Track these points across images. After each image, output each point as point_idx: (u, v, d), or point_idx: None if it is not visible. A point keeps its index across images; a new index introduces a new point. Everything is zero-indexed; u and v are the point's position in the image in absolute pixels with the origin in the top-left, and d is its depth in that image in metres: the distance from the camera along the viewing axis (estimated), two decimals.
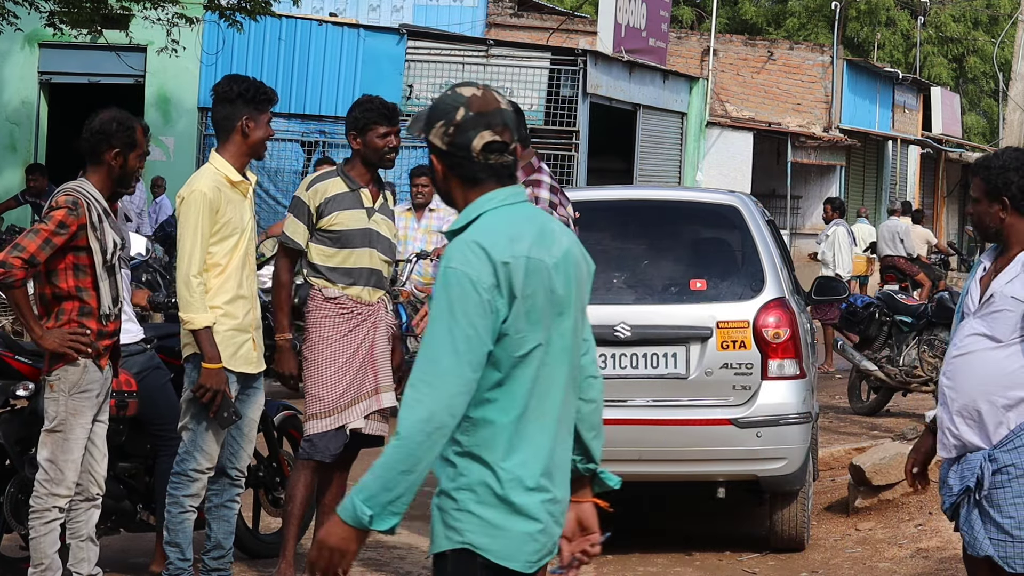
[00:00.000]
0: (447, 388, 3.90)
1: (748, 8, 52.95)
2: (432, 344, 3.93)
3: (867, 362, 15.45)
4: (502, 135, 4.10)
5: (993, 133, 55.40)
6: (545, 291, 4.05)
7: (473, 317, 3.93)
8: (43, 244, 6.84)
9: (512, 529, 4.01)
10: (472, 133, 4.07)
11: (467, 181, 4.11)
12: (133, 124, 7.10)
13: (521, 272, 3.99)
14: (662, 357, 8.90)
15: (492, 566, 4.01)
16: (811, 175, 35.99)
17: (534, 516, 4.03)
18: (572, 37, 31.65)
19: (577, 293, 4.18)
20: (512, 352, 3.99)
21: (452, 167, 4.11)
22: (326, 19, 27.40)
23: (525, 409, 4.02)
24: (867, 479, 10.03)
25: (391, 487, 3.91)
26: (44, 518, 6.99)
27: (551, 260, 4.07)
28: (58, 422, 6.96)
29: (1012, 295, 5.81)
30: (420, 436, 3.89)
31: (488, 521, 4.00)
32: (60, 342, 6.90)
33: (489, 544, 4.00)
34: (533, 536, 4.03)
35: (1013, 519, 5.73)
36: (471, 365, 3.92)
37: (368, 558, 8.89)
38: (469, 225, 4.06)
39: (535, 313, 4.02)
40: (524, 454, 4.02)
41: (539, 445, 4.05)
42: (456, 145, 4.08)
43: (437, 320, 3.94)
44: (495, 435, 4.00)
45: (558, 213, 7.30)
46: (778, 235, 10.03)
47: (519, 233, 4.04)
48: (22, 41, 24.51)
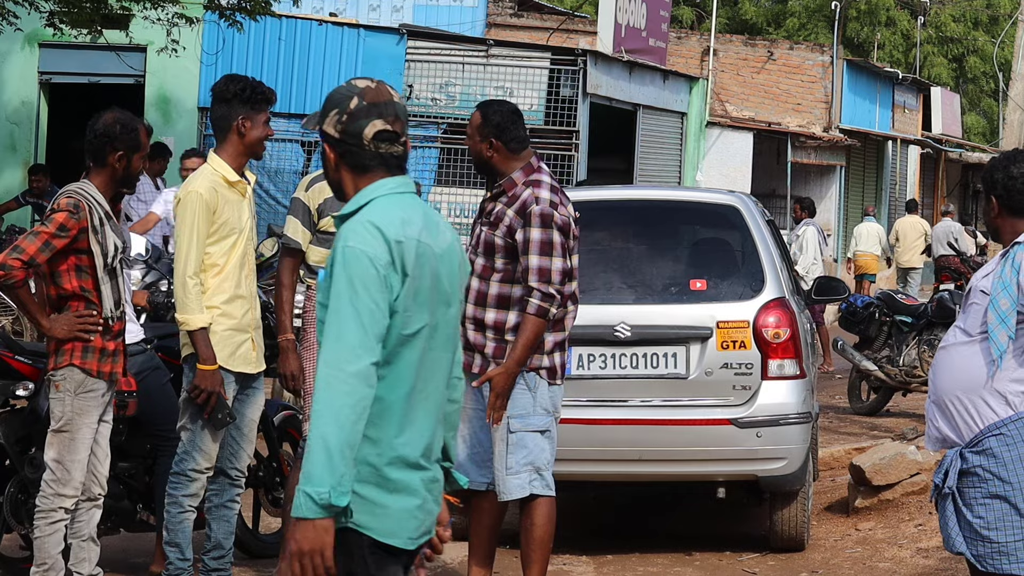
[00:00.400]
0: (360, 361, 4.03)
1: (748, 8, 52.94)
2: (338, 320, 4.05)
3: (867, 362, 15.45)
4: (393, 125, 4.27)
5: (993, 133, 55.38)
6: (432, 275, 4.20)
7: (374, 292, 4.07)
8: (43, 246, 6.85)
9: (393, 507, 4.12)
10: (364, 122, 4.25)
11: (358, 169, 4.27)
12: (136, 126, 7.10)
13: (412, 252, 4.15)
14: (662, 357, 8.89)
15: (377, 544, 4.11)
16: (811, 175, 35.98)
17: (415, 493, 4.15)
18: (572, 37, 31.64)
19: (460, 286, 4.34)
20: (400, 330, 4.13)
21: (344, 155, 4.27)
22: (326, 19, 27.40)
23: (412, 388, 4.15)
24: (867, 479, 10.03)
25: (334, 465, 3.99)
26: (49, 518, 7.00)
27: (438, 249, 4.24)
28: (64, 422, 6.97)
29: (982, 288, 5.87)
30: (346, 411, 4.00)
31: (370, 500, 4.10)
32: (69, 328, 6.92)
33: (371, 522, 4.10)
34: (413, 513, 4.15)
35: (983, 519, 5.79)
36: (377, 337, 4.07)
37: None
38: (359, 210, 4.21)
39: (422, 294, 4.17)
40: (411, 432, 4.15)
41: (423, 425, 4.19)
42: (348, 133, 4.26)
43: (340, 296, 4.07)
44: (385, 411, 4.11)
45: (559, 213, 7.29)
46: (778, 235, 10.03)
47: (409, 217, 4.20)
48: (22, 41, 24.50)
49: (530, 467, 7.31)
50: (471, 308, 7.38)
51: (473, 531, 7.69)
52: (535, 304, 7.19)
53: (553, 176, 7.56)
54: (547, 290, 7.19)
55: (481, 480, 7.51)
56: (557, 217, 7.26)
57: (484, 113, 7.46)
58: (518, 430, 7.28)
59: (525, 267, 7.24)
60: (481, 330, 7.34)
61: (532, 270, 7.22)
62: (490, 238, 7.35)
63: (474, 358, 7.38)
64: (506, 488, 7.33)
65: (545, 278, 7.21)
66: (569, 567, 8.91)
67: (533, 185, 7.35)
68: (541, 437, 7.34)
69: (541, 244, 7.23)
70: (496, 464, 7.36)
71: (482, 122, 7.43)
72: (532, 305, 7.19)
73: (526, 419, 7.29)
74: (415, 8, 31.56)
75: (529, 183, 7.36)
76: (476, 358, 7.37)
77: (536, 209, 7.26)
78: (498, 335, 7.32)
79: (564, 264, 7.26)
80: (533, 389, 7.28)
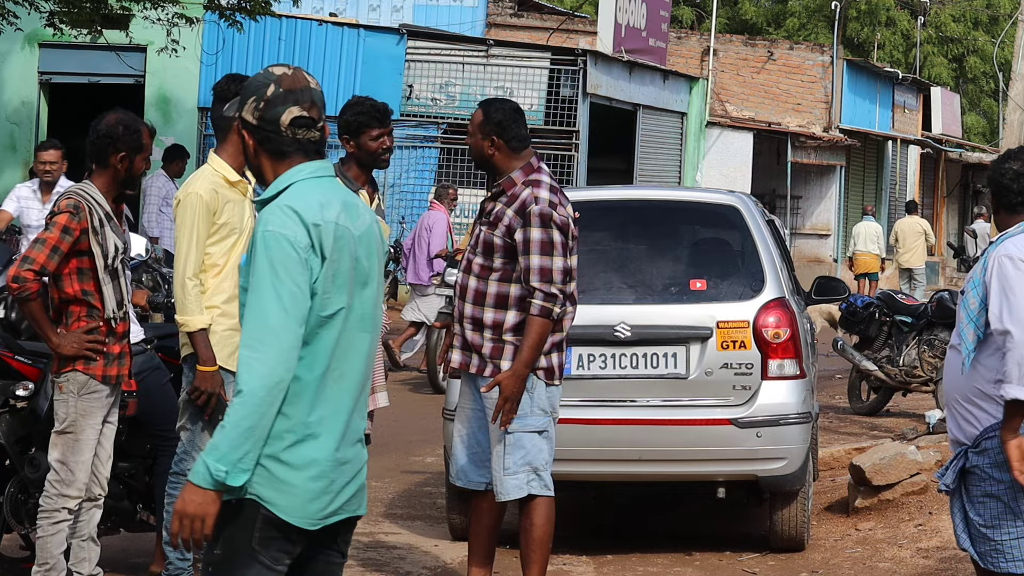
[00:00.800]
0: (280, 344, 4.11)
1: (748, 8, 52.93)
2: (260, 303, 4.13)
3: (867, 362, 15.44)
4: (309, 111, 4.35)
5: (993, 133, 55.39)
6: (350, 257, 4.28)
7: (295, 275, 4.15)
8: (51, 253, 6.87)
9: (299, 485, 4.17)
10: (281, 108, 4.33)
11: (276, 155, 4.35)
12: (139, 127, 7.10)
13: (330, 235, 4.22)
14: (662, 357, 8.89)
15: (274, 519, 4.16)
16: (811, 175, 35.98)
17: (321, 474, 4.19)
18: (572, 37, 31.65)
19: (378, 267, 4.40)
20: (319, 311, 4.20)
21: (262, 141, 4.36)
22: (326, 19, 27.40)
23: (327, 368, 4.21)
24: (867, 479, 10.03)
25: (240, 444, 4.06)
26: (53, 518, 7.01)
27: (356, 231, 4.32)
28: (68, 423, 6.98)
29: (962, 289, 5.91)
30: (262, 392, 4.08)
31: (275, 475, 4.15)
32: (78, 347, 6.94)
33: (274, 497, 4.15)
34: (317, 494, 4.19)
35: (981, 517, 5.84)
36: (298, 320, 4.14)
37: (368, 558, 8.89)
38: (279, 195, 4.28)
39: (340, 277, 4.24)
40: (324, 411, 4.20)
41: (339, 405, 4.24)
42: (266, 119, 4.35)
43: (262, 280, 4.14)
44: (300, 391, 4.18)
45: (558, 213, 7.29)
46: (778, 235, 10.03)
47: (328, 201, 4.28)
48: (22, 41, 24.50)
49: (527, 467, 7.30)
50: (469, 307, 7.37)
51: (473, 531, 7.69)
52: (539, 305, 7.18)
53: (553, 176, 7.56)
54: (549, 290, 7.19)
55: (479, 480, 7.51)
56: (556, 217, 7.26)
57: (486, 111, 7.46)
58: (515, 431, 7.28)
59: (525, 267, 7.23)
60: (479, 330, 7.34)
61: (534, 270, 7.21)
62: (489, 238, 7.35)
63: (471, 358, 7.37)
64: (503, 488, 7.33)
65: (547, 278, 7.20)
66: (569, 567, 8.91)
67: (532, 185, 7.35)
68: (539, 438, 7.34)
69: (542, 244, 7.22)
70: (493, 464, 7.36)
71: (484, 120, 7.43)
72: (536, 306, 7.18)
73: (523, 420, 7.28)
74: (415, 8, 31.54)
75: (528, 183, 7.36)
76: (473, 358, 7.36)
77: (535, 209, 7.25)
78: (496, 335, 7.31)
79: (565, 263, 7.26)
80: (530, 390, 7.28)
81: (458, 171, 26.05)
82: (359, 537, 9.31)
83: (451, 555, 8.97)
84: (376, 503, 10.36)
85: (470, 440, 7.52)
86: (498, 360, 7.28)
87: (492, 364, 7.30)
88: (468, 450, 7.52)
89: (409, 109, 26.41)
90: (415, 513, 10.24)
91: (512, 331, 7.27)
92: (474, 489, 7.55)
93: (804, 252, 35.06)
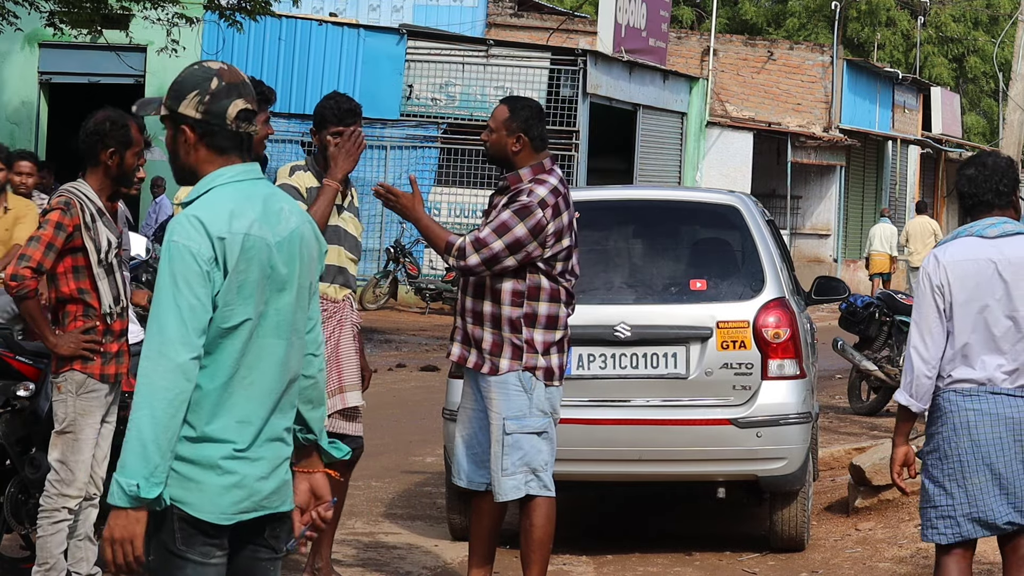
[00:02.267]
0: (179, 356, 4.12)
1: (748, 8, 52.94)
2: (160, 314, 4.16)
3: (867, 362, 15.44)
4: (251, 104, 4.35)
5: (993, 133, 55.39)
6: (262, 268, 4.25)
7: (195, 287, 4.15)
8: (46, 250, 6.88)
9: (206, 482, 4.20)
10: (227, 101, 4.30)
11: (215, 150, 4.31)
12: (127, 122, 7.10)
13: (236, 248, 4.20)
14: (662, 357, 8.89)
15: (188, 517, 4.20)
16: (811, 175, 35.99)
17: (228, 470, 4.21)
18: (572, 37, 31.66)
19: (302, 271, 4.37)
20: (220, 323, 4.20)
21: (204, 135, 4.31)
22: (326, 19, 27.42)
23: (231, 378, 4.22)
24: (867, 479, 10.03)
25: (147, 458, 4.10)
26: (53, 518, 7.01)
27: (274, 239, 4.28)
28: (67, 423, 6.99)
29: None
30: (163, 404, 4.11)
31: (183, 475, 4.19)
32: (75, 346, 6.95)
33: (184, 496, 4.19)
34: (227, 489, 4.22)
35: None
36: (196, 332, 4.15)
37: (368, 558, 8.89)
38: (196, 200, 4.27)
39: (247, 288, 4.22)
40: (226, 419, 4.22)
41: (247, 412, 4.25)
42: (212, 113, 4.30)
43: (164, 291, 4.16)
44: (200, 400, 4.19)
45: (543, 214, 7.20)
46: (778, 235, 10.03)
47: (242, 210, 4.25)
48: (22, 41, 24.51)
49: (525, 468, 7.29)
50: (469, 301, 7.37)
51: (473, 531, 7.68)
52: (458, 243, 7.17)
53: (564, 182, 7.52)
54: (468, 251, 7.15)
55: (480, 481, 7.50)
56: (538, 216, 7.19)
57: (513, 108, 7.41)
58: (514, 431, 7.26)
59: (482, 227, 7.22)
60: (479, 323, 7.33)
61: (481, 231, 7.19)
62: None
63: (470, 352, 7.36)
64: (501, 489, 7.32)
65: (481, 247, 7.18)
66: (569, 567, 8.91)
67: (536, 183, 7.33)
68: (538, 438, 7.32)
69: (502, 223, 7.18)
70: (492, 465, 7.35)
71: (510, 116, 7.37)
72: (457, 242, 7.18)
73: (522, 420, 7.27)
74: (415, 8, 31.55)
75: (534, 181, 7.34)
76: (472, 353, 7.35)
77: (523, 199, 7.23)
78: (495, 328, 7.29)
79: (503, 250, 7.17)
80: (529, 390, 7.26)
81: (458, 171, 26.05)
82: (359, 537, 9.32)
83: (451, 555, 8.97)
84: (376, 503, 10.36)
85: (470, 440, 7.51)
86: (497, 357, 7.27)
87: (491, 361, 7.29)
88: (468, 450, 7.52)
89: (409, 109, 26.41)
90: (415, 513, 10.24)
91: (511, 325, 7.25)
92: (475, 489, 7.55)
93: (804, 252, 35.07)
